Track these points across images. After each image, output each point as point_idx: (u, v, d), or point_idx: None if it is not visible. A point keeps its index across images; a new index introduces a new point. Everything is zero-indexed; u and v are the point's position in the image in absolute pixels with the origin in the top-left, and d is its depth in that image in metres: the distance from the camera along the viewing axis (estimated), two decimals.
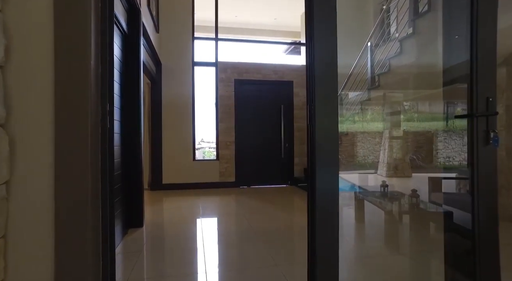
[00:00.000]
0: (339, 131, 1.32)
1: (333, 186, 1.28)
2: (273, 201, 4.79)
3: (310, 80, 1.28)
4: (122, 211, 2.97)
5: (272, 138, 6.23)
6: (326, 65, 1.27)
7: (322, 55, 1.26)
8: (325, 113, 1.25)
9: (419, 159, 8.32)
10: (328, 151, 1.27)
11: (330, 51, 1.28)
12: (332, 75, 1.27)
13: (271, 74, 6.18)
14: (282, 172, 6.27)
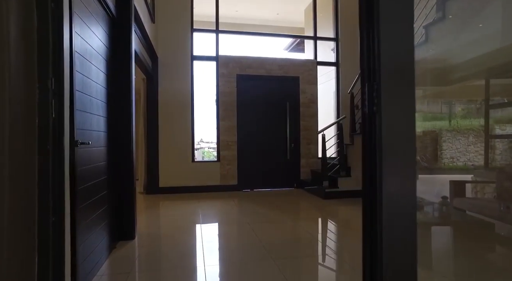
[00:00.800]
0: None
1: (409, 197, 0.87)
2: (280, 206, 4.37)
3: (372, 65, 0.89)
4: (109, 223, 2.55)
5: (277, 138, 5.81)
6: (400, 46, 0.87)
7: (395, 34, 0.87)
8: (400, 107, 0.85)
9: (424, 160, 7.91)
10: (402, 152, 0.85)
11: (406, 28, 0.88)
12: (409, 59, 0.87)
13: (276, 69, 5.76)
14: (288, 174, 5.85)
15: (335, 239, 3.10)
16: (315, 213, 4.13)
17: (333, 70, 6.72)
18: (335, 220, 3.71)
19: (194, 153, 5.57)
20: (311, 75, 5.90)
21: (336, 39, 6.19)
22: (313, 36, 6.10)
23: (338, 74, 6.18)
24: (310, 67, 5.90)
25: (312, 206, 4.46)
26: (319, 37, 6.13)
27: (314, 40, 6.09)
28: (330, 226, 3.56)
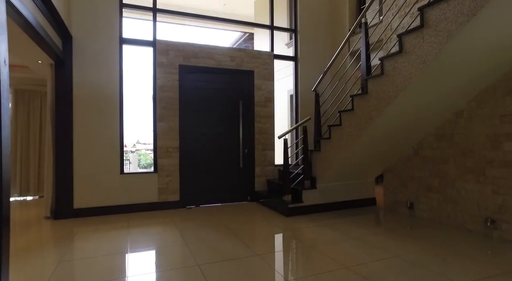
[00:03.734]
0: None
1: None
2: (235, 230, 3.48)
3: None
4: None
5: (228, 143, 4.90)
6: None
7: None
8: None
9: None
10: None
11: None
12: None
13: (227, 61, 4.85)
14: (241, 185, 4.98)
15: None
16: (283, 240, 3.33)
17: (283, 69, 6.06)
18: (310, 249, 2.94)
19: (124, 163, 4.36)
20: (267, 69, 5.12)
21: (295, 30, 5.51)
22: (269, 25, 5.33)
23: (296, 70, 5.51)
24: (266, 60, 5.11)
25: (275, 227, 3.65)
26: (276, 27, 5.38)
27: (271, 30, 5.32)
28: (310, 260, 2.78)
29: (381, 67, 3.14)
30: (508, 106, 3.04)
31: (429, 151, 3.79)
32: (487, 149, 3.20)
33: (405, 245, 2.94)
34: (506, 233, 3.06)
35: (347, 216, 4.04)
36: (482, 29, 2.44)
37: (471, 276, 2.27)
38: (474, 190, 3.31)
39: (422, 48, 2.69)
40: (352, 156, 3.82)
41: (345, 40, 3.99)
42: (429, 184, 3.79)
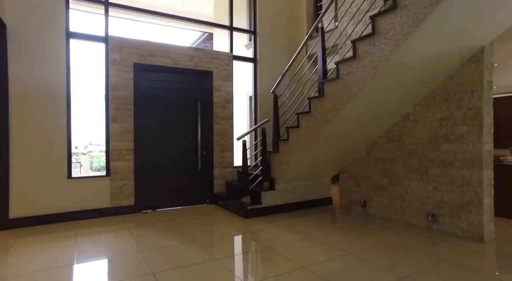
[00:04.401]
0: None
1: None
2: (194, 234, 3.38)
3: None
4: None
5: (186, 145, 4.78)
6: None
7: None
8: None
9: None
10: None
11: None
12: None
13: (185, 61, 4.72)
14: (199, 188, 4.88)
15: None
16: (242, 242, 3.31)
17: (243, 70, 6.07)
18: (269, 251, 2.95)
19: (71, 166, 4.04)
20: (226, 70, 5.08)
21: (254, 32, 5.53)
22: (229, 25, 5.29)
23: (255, 72, 5.53)
24: (225, 61, 5.07)
25: (234, 230, 3.62)
26: (236, 27, 5.36)
27: (230, 30, 5.28)
28: (269, 262, 2.79)
29: (337, 71, 3.26)
30: (445, 111, 3.32)
31: (380, 152, 4.01)
32: (429, 149, 3.46)
33: (358, 243, 3.07)
34: (443, 225, 3.34)
35: (305, 216, 4.13)
36: (424, 40, 2.63)
37: (415, 267, 2.44)
38: (419, 188, 3.57)
39: (373, 54, 2.83)
40: (310, 157, 3.92)
41: (302, 44, 4.08)
42: (380, 183, 4.02)
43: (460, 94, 3.19)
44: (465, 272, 2.39)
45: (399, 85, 3.19)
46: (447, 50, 2.89)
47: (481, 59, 3.06)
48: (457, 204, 3.22)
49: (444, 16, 2.44)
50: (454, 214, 3.25)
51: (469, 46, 2.96)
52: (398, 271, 2.40)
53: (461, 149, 3.17)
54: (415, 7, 2.45)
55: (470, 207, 3.12)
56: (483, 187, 3.03)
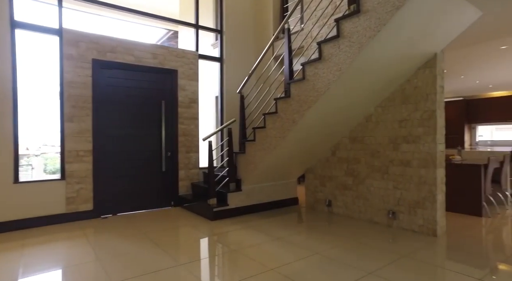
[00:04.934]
0: None
1: None
2: (157, 239, 3.24)
3: None
4: None
5: (149, 146, 4.59)
6: None
7: None
8: None
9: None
10: None
11: None
12: None
13: (149, 58, 4.54)
14: (163, 190, 4.71)
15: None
16: (208, 246, 3.22)
17: (209, 69, 5.98)
18: (236, 253, 2.90)
19: (18, 169, 3.71)
20: (192, 69, 4.95)
21: (220, 31, 5.46)
22: (194, 23, 5.17)
23: (222, 71, 5.46)
24: (191, 60, 4.94)
25: (200, 233, 3.53)
26: (202, 26, 5.25)
27: (196, 28, 5.17)
28: (236, 265, 2.73)
29: (303, 72, 3.29)
30: (403, 113, 3.49)
31: (344, 152, 4.13)
32: (390, 150, 3.62)
33: (324, 242, 3.13)
34: (402, 222, 3.50)
35: (271, 217, 4.14)
36: (385, 44, 2.74)
37: (378, 264, 2.52)
38: (380, 187, 3.71)
39: (338, 56, 2.90)
40: (277, 158, 3.93)
41: (269, 45, 4.09)
42: (345, 182, 4.13)
43: (417, 97, 3.37)
44: (422, 266, 2.52)
45: (362, 87, 3.30)
46: (405, 55, 3.04)
47: (434, 65, 3.25)
48: (414, 201, 3.39)
49: (402, 23, 2.55)
50: (411, 210, 3.42)
51: (424, 52, 3.14)
52: (363, 268, 2.47)
53: (418, 149, 3.35)
54: (376, 12, 2.54)
55: (425, 204, 3.30)
56: (437, 185, 3.23)
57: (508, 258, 2.68)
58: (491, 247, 2.99)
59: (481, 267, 2.49)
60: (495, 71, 6.38)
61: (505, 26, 3.54)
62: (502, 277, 2.32)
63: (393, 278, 2.29)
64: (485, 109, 9.09)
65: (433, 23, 2.79)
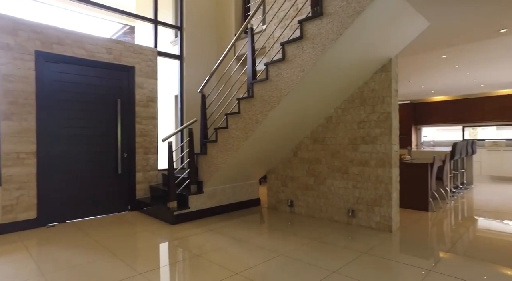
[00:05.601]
0: None
1: None
2: (111, 246, 3.02)
3: None
4: None
5: (103, 146, 4.27)
6: None
7: None
8: None
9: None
10: None
11: None
12: None
13: (102, 53, 4.23)
14: (119, 194, 4.42)
15: None
16: (169, 252, 3.06)
17: (169, 67, 5.77)
18: (199, 258, 2.79)
19: None
20: (150, 66, 4.72)
21: (180, 28, 5.27)
22: (153, 19, 4.93)
23: (182, 70, 5.28)
24: (149, 57, 4.70)
25: (160, 238, 3.35)
26: (161, 21, 5.02)
27: (155, 24, 4.93)
28: (199, 271, 2.62)
29: (266, 73, 3.28)
30: (362, 114, 3.63)
31: (306, 153, 4.20)
32: (349, 150, 3.75)
33: (288, 242, 3.13)
34: (361, 220, 3.65)
35: (234, 219, 4.08)
36: (347, 47, 2.82)
37: (341, 262, 2.58)
38: (340, 186, 3.83)
39: (302, 57, 2.92)
40: (239, 159, 3.88)
41: (231, 44, 4.02)
42: (306, 182, 4.20)
43: (374, 100, 3.52)
44: (380, 261, 2.62)
45: (324, 88, 3.37)
46: (364, 58, 3.16)
47: (389, 69, 3.43)
48: (372, 200, 3.54)
49: (362, 27, 2.65)
50: (369, 208, 3.57)
51: (381, 57, 3.29)
52: (327, 267, 2.51)
53: (375, 150, 3.51)
54: (339, 15, 2.61)
55: (382, 202, 3.46)
56: (392, 183, 3.40)
57: (451, 248, 2.90)
58: (437, 239, 3.22)
59: (429, 258, 2.66)
60: (437, 78, 6.95)
61: (447, 37, 3.85)
62: (447, 265, 2.49)
63: (355, 275, 2.35)
64: (428, 112, 9.87)
65: (389, 30, 2.93)
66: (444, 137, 9.99)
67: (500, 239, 3.24)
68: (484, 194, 5.73)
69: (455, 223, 3.86)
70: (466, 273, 2.38)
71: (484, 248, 2.95)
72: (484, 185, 6.78)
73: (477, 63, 5.53)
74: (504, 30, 3.60)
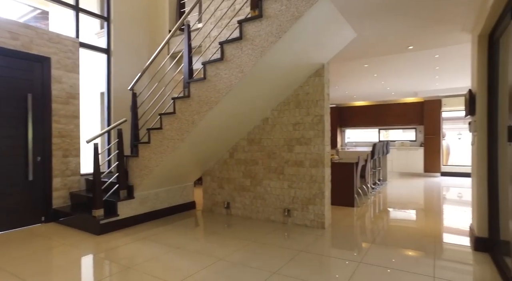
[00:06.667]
0: None
1: None
2: (17, 269, 2.57)
3: None
4: None
5: (9, 149, 3.64)
6: None
7: None
8: None
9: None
10: None
11: None
12: None
13: (7, 39, 3.61)
14: (30, 203, 3.82)
15: None
16: (94, 267, 2.73)
17: (91, 62, 5.25)
18: (130, 271, 2.54)
19: None
20: (70, 59, 4.19)
21: (107, 18, 4.81)
22: (74, 4, 4.39)
23: (109, 65, 4.82)
24: (69, 48, 4.18)
25: (83, 251, 2.97)
26: (83, 9, 4.50)
27: (76, 11, 4.40)
28: None
29: (204, 72, 3.18)
30: (297, 116, 3.78)
31: (242, 154, 4.19)
32: (285, 151, 3.86)
33: (226, 246, 3.07)
34: (297, 219, 3.79)
35: (168, 224, 3.86)
36: (285, 50, 2.89)
37: (280, 262, 2.62)
38: (276, 187, 3.92)
39: (241, 58, 2.90)
40: (174, 161, 3.69)
41: (166, 41, 3.80)
42: (243, 184, 4.19)
43: (308, 103, 3.69)
44: (317, 258, 2.74)
45: (262, 90, 3.41)
46: (300, 63, 3.29)
47: (322, 74, 3.63)
48: (306, 199, 3.70)
49: (300, 32, 2.74)
50: (304, 207, 3.72)
51: (315, 62, 3.47)
52: (266, 269, 2.52)
53: (310, 151, 3.68)
54: (278, 19, 2.65)
55: (315, 200, 3.64)
56: (325, 183, 3.61)
57: (375, 239, 3.20)
58: (362, 232, 3.52)
59: (358, 251, 2.88)
60: (359, 85, 7.66)
61: (369, 49, 4.24)
62: (372, 256, 2.73)
63: (295, 274, 2.41)
64: (351, 115, 10.82)
65: (324, 37, 3.10)
66: (364, 139, 11.05)
67: (405, 226, 3.73)
68: (395, 188, 6.50)
69: (374, 216, 4.27)
70: (385, 261, 2.63)
71: (396, 236, 3.33)
72: (395, 181, 7.69)
73: (390, 73, 6.24)
74: (411, 47, 4.12)
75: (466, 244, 3.12)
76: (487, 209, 2.84)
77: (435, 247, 3.01)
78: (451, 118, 8.74)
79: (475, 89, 2.94)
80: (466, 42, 3.76)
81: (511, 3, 2.04)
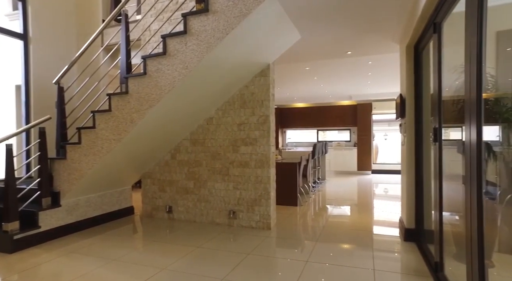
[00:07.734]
0: None
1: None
2: None
3: None
4: None
5: None
6: None
7: None
8: None
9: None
10: None
11: None
12: None
13: None
14: None
15: None
16: None
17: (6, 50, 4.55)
18: None
19: None
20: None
21: None
22: None
23: (27, 53, 4.19)
24: None
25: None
26: None
27: None
28: None
29: (144, 67, 2.93)
30: (242, 117, 3.73)
31: (185, 155, 4.00)
32: (230, 152, 3.77)
33: (169, 254, 2.88)
34: (242, 220, 3.73)
35: (102, 233, 3.49)
36: (232, 47, 2.81)
37: (227, 267, 2.53)
38: (221, 188, 3.81)
39: (185, 54, 2.74)
40: (109, 163, 3.35)
41: (99, 30, 3.43)
42: (186, 186, 4.00)
43: (254, 103, 3.66)
44: (265, 260, 2.71)
45: (206, 88, 3.28)
46: (246, 61, 3.23)
47: (268, 74, 3.63)
48: (252, 200, 3.67)
49: (247, 30, 2.68)
50: (250, 208, 3.68)
51: (261, 61, 3.45)
52: (214, 276, 2.40)
53: (255, 151, 3.65)
54: (225, 15, 2.56)
55: (261, 201, 3.63)
56: (270, 183, 3.61)
57: (318, 237, 3.30)
58: (306, 231, 3.61)
59: (304, 250, 2.94)
60: (299, 86, 7.95)
61: (311, 51, 4.39)
62: (318, 252, 2.81)
63: (243, 279, 2.34)
64: (292, 116, 11.20)
65: (270, 37, 3.09)
66: (303, 139, 11.52)
67: (344, 222, 3.96)
68: (333, 186, 6.88)
69: (316, 214, 4.43)
70: (330, 258, 2.73)
71: (337, 232, 3.49)
72: (332, 179, 8.16)
73: (328, 76, 6.58)
74: (350, 52, 4.38)
75: (396, 235, 3.40)
76: (414, 203, 3.12)
77: (372, 240, 3.22)
78: (379, 120, 9.59)
79: (405, 94, 3.21)
80: (396, 51, 4.12)
81: (433, 18, 2.25)
